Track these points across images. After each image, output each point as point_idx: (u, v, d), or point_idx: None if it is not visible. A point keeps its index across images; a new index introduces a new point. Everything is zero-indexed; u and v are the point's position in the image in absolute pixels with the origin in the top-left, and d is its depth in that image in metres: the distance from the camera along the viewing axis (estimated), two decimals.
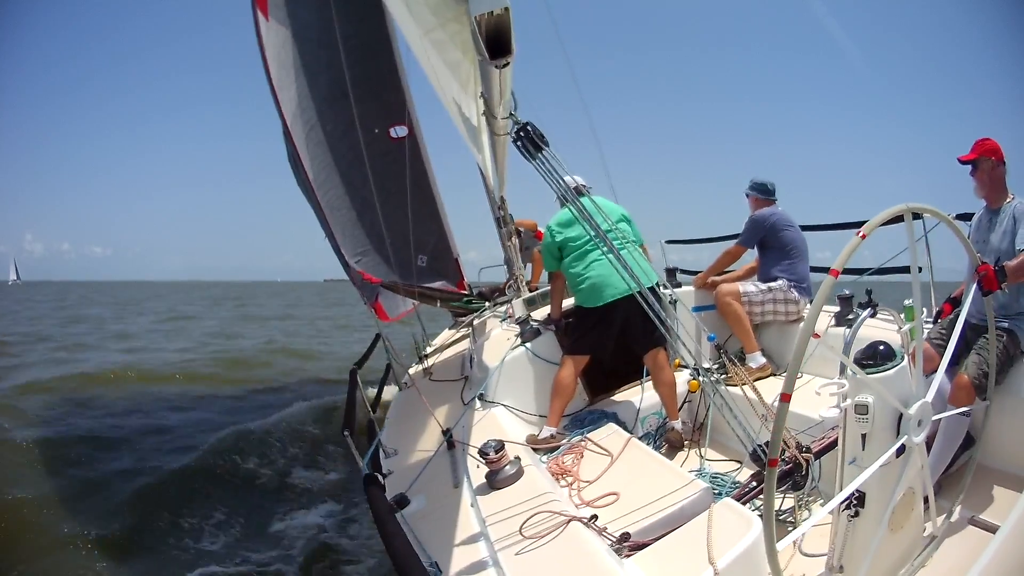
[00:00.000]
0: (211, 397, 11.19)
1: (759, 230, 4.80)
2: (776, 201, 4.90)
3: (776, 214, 4.80)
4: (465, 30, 2.19)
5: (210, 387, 11.95)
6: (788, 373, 1.73)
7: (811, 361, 3.88)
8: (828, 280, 1.82)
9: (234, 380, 12.66)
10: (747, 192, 5.02)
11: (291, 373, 13.77)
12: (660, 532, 2.48)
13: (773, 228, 4.75)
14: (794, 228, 4.84)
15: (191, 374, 12.94)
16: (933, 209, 2.08)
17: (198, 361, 14.71)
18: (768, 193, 4.89)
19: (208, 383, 12.33)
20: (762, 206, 4.88)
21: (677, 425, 4.01)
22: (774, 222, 4.76)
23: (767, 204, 4.87)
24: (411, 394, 5.14)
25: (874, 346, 2.12)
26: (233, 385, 12.12)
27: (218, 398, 11.13)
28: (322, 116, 5.72)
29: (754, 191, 4.95)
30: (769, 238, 4.78)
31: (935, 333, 3.26)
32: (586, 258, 4.01)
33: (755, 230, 4.83)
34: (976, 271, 2.72)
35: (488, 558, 2.41)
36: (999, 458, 3.03)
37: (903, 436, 2.06)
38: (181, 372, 12.98)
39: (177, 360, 14.85)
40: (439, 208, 6.99)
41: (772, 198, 4.89)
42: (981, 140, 3.16)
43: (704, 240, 8.10)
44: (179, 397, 10.95)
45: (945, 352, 3.16)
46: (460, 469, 3.29)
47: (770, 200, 4.88)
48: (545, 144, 2.64)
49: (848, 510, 2.17)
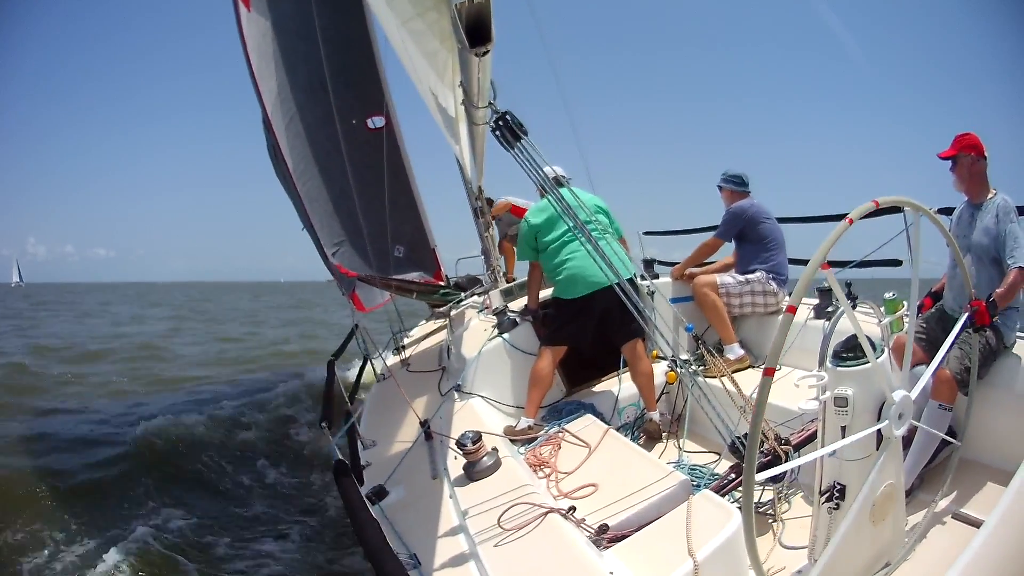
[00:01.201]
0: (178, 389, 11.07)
1: (737, 222, 4.77)
2: (750, 193, 4.86)
3: (754, 206, 4.76)
4: (444, 19, 2.17)
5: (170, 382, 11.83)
6: (772, 348, 1.70)
7: (790, 353, 3.90)
8: (840, 226, 1.81)
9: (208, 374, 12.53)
10: (720, 184, 4.97)
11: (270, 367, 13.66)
12: (639, 524, 2.48)
13: (751, 220, 4.72)
14: (771, 220, 4.81)
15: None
16: (916, 203, 2.08)
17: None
18: (743, 185, 4.84)
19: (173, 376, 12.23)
20: (737, 198, 4.84)
21: (655, 416, 4.01)
22: (752, 214, 4.72)
23: (742, 196, 4.83)
24: (388, 385, 5.11)
25: (853, 339, 2.12)
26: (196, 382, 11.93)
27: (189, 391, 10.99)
28: (301, 107, 5.67)
29: (728, 183, 4.89)
30: (747, 231, 4.75)
31: (916, 327, 3.28)
32: (564, 249, 4.00)
33: (733, 223, 4.79)
34: (969, 304, 2.74)
35: (466, 550, 2.40)
36: (983, 452, 3.03)
37: (884, 427, 2.06)
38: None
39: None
40: (416, 198, 6.96)
41: (746, 190, 4.85)
42: (960, 136, 3.16)
43: (682, 232, 8.13)
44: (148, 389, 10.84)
45: (926, 346, 3.20)
46: (438, 461, 3.28)
47: (745, 192, 4.84)
48: (524, 133, 2.62)
49: (829, 503, 2.18)
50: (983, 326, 2.79)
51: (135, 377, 11.91)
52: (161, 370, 13.08)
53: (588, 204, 3.92)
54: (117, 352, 15.25)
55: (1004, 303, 2.93)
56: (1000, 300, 2.90)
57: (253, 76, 5.33)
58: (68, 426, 7.97)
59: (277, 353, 15.87)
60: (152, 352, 15.60)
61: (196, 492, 6.15)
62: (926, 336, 3.27)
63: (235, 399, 9.38)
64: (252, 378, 12.09)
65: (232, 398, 9.48)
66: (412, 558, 2.42)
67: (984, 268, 3.10)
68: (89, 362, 13.63)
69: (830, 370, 2.14)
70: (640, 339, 4.00)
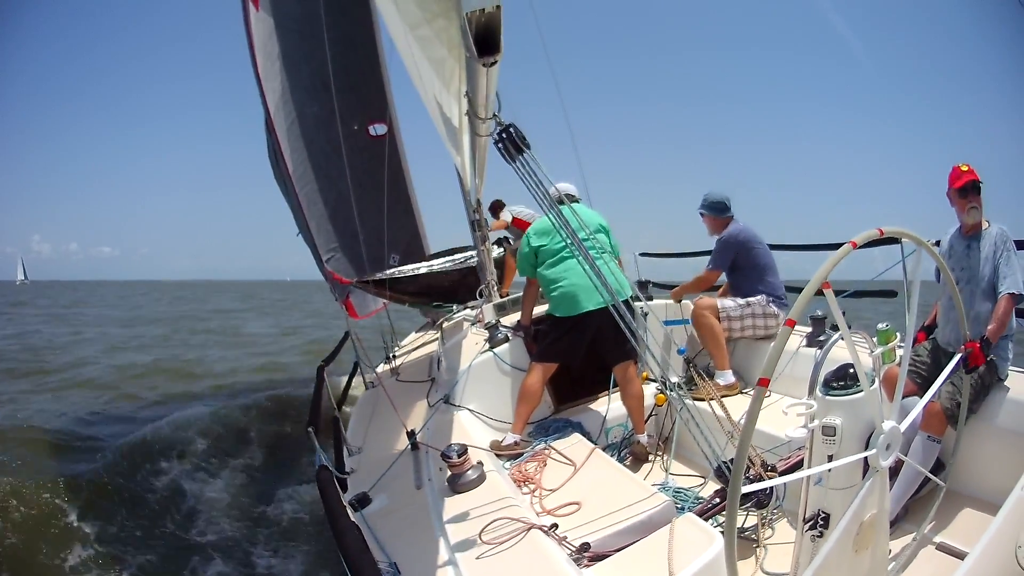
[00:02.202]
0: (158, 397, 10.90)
1: (729, 251, 4.68)
2: (733, 216, 4.74)
3: (743, 231, 4.68)
4: (452, 26, 2.16)
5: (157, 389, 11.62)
6: (769, 358, 1.68)
7: (781, 380, 3.91)
8: (843, 248, 1.81)
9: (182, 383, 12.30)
10: (701, 211, 4.83)
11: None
12: (620, 544, 2.47)
13: (744, 246, 4.64)
14: (763, 244, 4.74)
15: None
16: (917, 237, 2.08)
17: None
18: (725, 211, 4.72)
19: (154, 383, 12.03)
20: (720, 225, 4.73)
21: (643, 439, 4.00)
22: (744, 239, 4.64)
23: (725, 222, 4.72)
24: (377, 393, 5.09)
25: (844, 368, 2.12)
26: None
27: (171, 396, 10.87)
28: (304, 108, 5.69)
29: (710, 211, 4.79)
30: (741, 257, 4.67)
31: (908, 359, 3.29)
32: (561, 265, 4.00)
33: (726, 251, 4.70)
34: (963, 346, 2.74)
35: (447, 561, 2.38)
36: (969, 484, 3.03)
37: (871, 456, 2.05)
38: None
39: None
40: (414, 206, 6.97)
41: (729, 215, 4.73)
42: (969, 168, 3.14)
43: (678, 255, 8.16)
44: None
45: (918, 379, 3.20)
46: (423, 471, 3.26)
47: (728, 217, 4.73)
48: (527, 147, 2.62)
49: (813, 530, 2.17)
50: (976, 367, 2.79)
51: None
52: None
53: (589, 222, 3.92)
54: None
55: (996, 337, 2.94)
56: (992, 336, 2.91)
57: (258, 76, 5.34)
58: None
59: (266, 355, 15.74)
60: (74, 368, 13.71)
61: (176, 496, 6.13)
62: (918, 368, 3.27)
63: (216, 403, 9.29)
64: (242, 382, 12.03)
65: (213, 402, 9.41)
66: (392, 567, 2.40)
67: (983, 299, 3.11)
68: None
69: (819, 399, 2.13)
70: (633, 361, 3.99)
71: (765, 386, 1.64)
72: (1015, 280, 2.96)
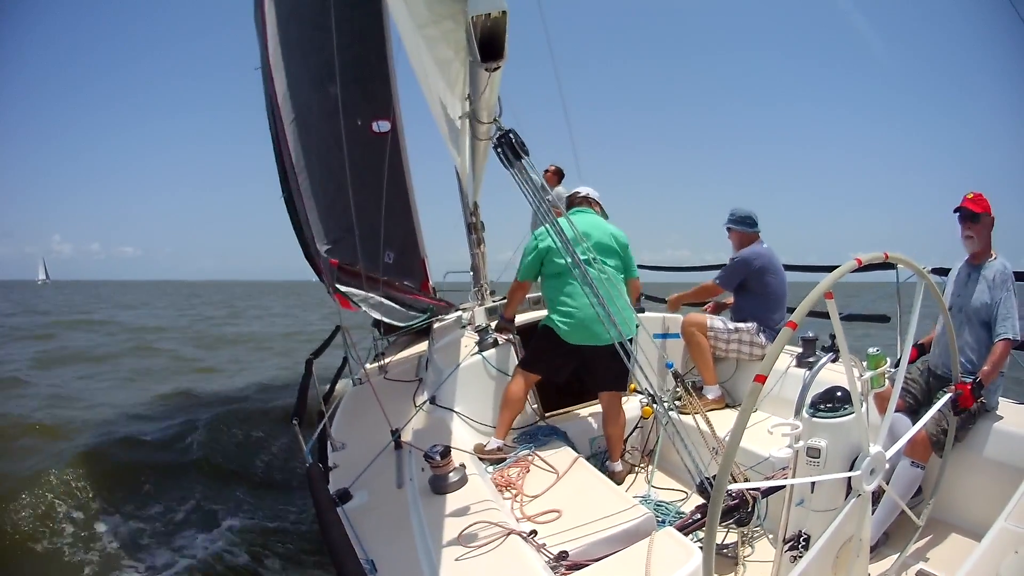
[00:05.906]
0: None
1: (739, 273, 4.62)
2: (759, 233, 4.68)
3: (761, 256, 4.60)
4: (459, 29, 2.17)
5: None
6: (768, 356, 1.66)
7: (768, 400, 3.92)
8: (848, 264, 1.81)
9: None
10: (728, 226, 4.79)
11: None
12: (599, 554, 2.46)
13: (757, 273, 4.57)
14: (779, 275, 4.65)
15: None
16: (917, 266, 2.09)
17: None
18: (752, 225, 4.68)
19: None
20: (746, 241, 4.67)
21: (617, 467, 3.94)
22: (759, 266, 4.58)
23: (752, 238, 4.68)
24: (364, 390, 5.07)
25: (832, 391, 2.12)
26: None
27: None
28: (309, 99, 5.65)
29: (738, 225, 4.72)
30: (750, 281, 4.61)
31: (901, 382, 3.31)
32: (568, 288, 3.79)
33: (736, 272, 4.64)
34: (954, 387, 2.76)
35: (424, 561, 2.37)
36: (951, 512, 3.05)
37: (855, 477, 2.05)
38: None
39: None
40: (412, 205, 6.95)
41: (756, 230, 4.68)
42: (979, 195, 3.16)
43: (674, 268, 8.20)
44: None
45: (909, 397, 3.22)
46: (405, 470, 3.25)
47: (755, 233, 4.67)
48: (525, 153, 2.61)
49: (793, 551, 2.16)
50: (965, 408, 2.80)
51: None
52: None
53: (602, 236, 3.86)
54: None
55: (989, 380, 2.96)
56: (985, 378, 2.93)
57: (268, 64, 5.30)
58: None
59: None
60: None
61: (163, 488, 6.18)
62: (908, 387, 3.29)
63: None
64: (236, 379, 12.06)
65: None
66: (368, 563, 2.39)
67: (974, 329, 3.13)
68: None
69: (806, 420, 2.13)
70: (620, 392, 3.96)
71: (762, 383, 1.62)
72: (1013, 325, 2.98)
